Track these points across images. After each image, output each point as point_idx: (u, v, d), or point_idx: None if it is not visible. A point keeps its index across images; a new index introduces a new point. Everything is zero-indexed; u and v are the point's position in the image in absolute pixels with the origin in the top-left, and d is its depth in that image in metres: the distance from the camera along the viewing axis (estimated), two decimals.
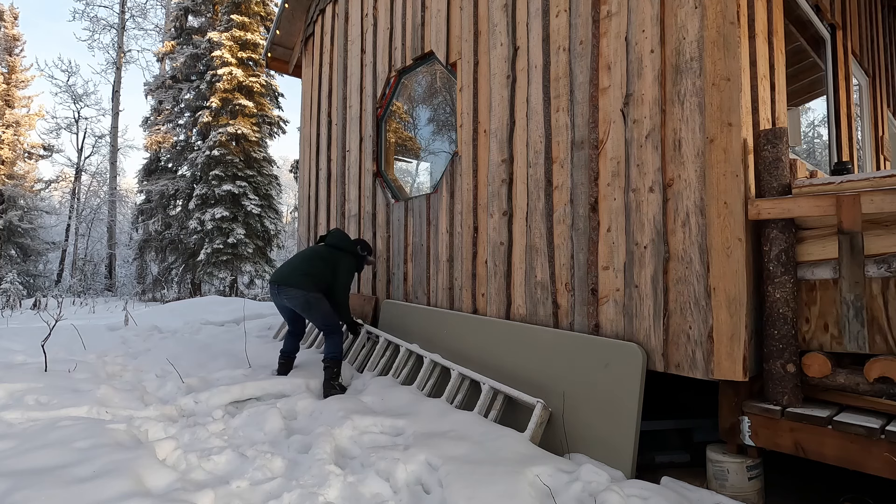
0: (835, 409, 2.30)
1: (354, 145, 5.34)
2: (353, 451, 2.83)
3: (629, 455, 2.60)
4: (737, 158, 2.47)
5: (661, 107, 2.77)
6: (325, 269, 4.11)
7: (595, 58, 3.12)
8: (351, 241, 4.37)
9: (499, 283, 3.62)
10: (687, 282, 2.62)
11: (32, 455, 2.45)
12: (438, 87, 4.87)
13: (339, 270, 4.14)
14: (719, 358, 2.47)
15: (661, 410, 3.39)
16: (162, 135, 17.61)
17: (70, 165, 24.18)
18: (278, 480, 2.49)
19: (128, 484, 2.21)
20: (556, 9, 3.36)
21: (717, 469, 2.49)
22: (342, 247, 4.27)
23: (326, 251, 4.22)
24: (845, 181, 2.31)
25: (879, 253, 2.25)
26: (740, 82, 2.48)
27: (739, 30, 2.51)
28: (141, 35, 47.10)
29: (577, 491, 2.24)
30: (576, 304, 3.12)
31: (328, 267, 4.12)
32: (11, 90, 20.14)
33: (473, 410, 3.12)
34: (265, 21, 16.82)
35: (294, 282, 4.02)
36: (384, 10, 5.05)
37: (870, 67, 4.91)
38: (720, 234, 2.50)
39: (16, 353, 4.90)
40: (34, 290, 18.19)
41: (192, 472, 2.56)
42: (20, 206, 18.69)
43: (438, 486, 2.37)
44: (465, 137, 4.01)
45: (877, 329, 2.28)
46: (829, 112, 4.02)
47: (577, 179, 3.16)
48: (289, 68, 7.06)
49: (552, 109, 3.34)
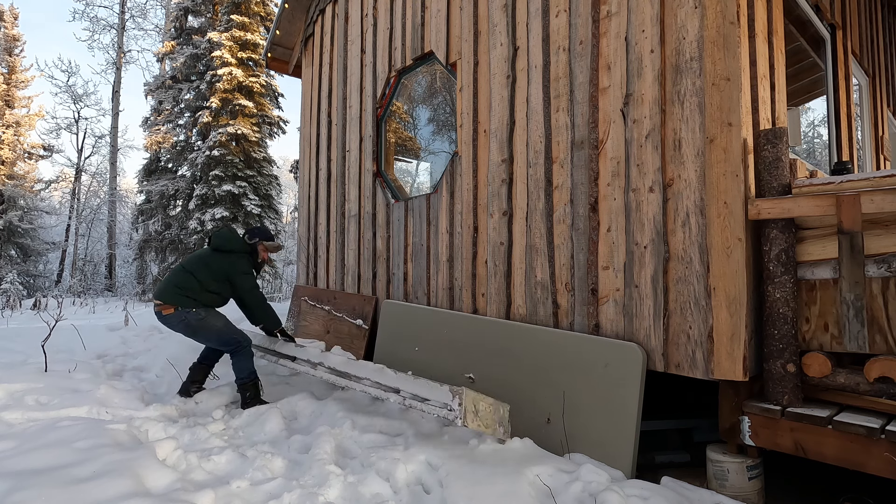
0: (835, 408, 2.30)
1: (354, 145, 5.34)
2: (353, 450, 2.83)
3: (629, 455, 2.60)
4: (737, 158, 2.47)
5: (661, 107, 2.77)
6: (212, 278, 3.60)
7: (595, 58, 3.12)
8: (239, 238, 3.86)
9: (499, 283, 3.62)
10: (687, 282, 2.61)
11: (32, 455, 2.45)
12: (438, 87, 4.87)
13: (236, 277, 3.67)
14: (719, 358, 2.47)
15: (661, 410, 3.39)
16: (162, 135, 17.60)
17: (70, 165, 24.18)
18: (279, 480, 2.49)
19: (128, 484, 2.21)
20: (555, 9, 3.36)
21: (717, 469, 2.49)
22: (231, 248, 3.75)
23: (213, 257, 3.69)
24: (845, 181, 2.31)
25: (879, 253, 2.25)
26: (740, 82, 2.48)
27: (739, 30, 2.51)
28: (141, 35, 47.17)
29: (577, 491, 2.24)
30: (576, 304, 3.12)
31: (217, 276, 3.63)
32: (11, 90, 20.14)
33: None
34: (265, 21, 16.81)
35: (169, 299, 3.46)
36: (384, 10, 5.05)
37: (870, 67, 4.91)
38: (720, 234, 2.50)
39: (16, 353, 4.90)
40: (34, 290, 18.18)
41: (192, 472, 2.56)
42: (20, 206, 18.68)
43: (439, 487, 2.37)
44: (465, 137, 4.01)
45: (877, 329, 2.28)
46: (829, 112, 4.02)
47: (577, 179, 3.16)
48: (289, 68, 7.05)
49: (552, 109, 3.34)
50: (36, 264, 19.54)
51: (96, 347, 5.33)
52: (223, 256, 3.71)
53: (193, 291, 3.53)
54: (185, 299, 3.49)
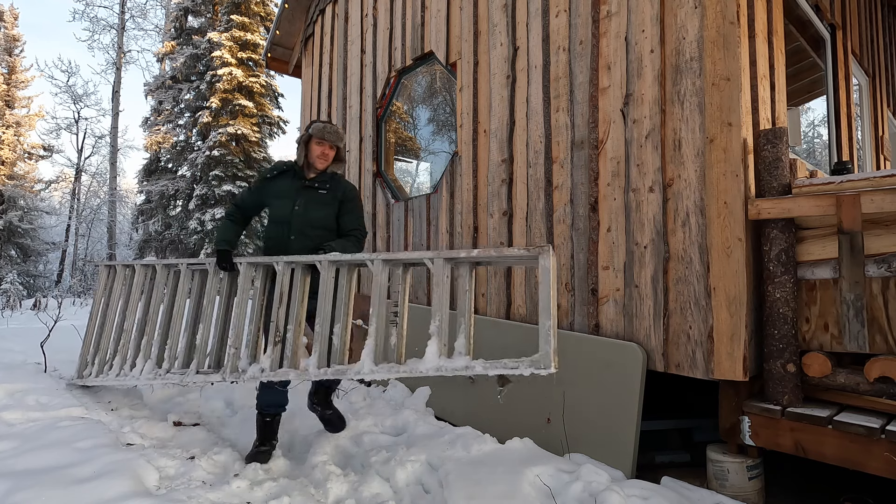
0: (835, 408, 2.30)
1: (354, 145, 5.34)
2: (352, 450, 2.83)
3: (629, 455, 2.60)
4: (737, 158, 2.47)
5: (660, 107, 2.77)
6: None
7: (595, 58, 3.12)
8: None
9: (499, 283, 3.62)
10: (687, 282, 2.61)
11: (32, 455, 2.45)
12: (438, 87, 4.87)
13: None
14: (719, 358, 2.47)
15: (661, 410, 3.38)
16: (162, 135, 17.61)
17: (70, 166, 24.20)
18: (279, 480, 2.49)
19: (128, 484, 2.21)
20: (555, 9, 3.36)
21: (717, 469, 2.49)
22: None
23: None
24: (845, 181, 2.31)
25: (879, 253, 2.25)
26: (740, 82, 2.48)
27: (739, 30, 2.51)
28: (141, 35, 47.20)
29: (577, 491, 2.24)
30: (576, 304, 3.12)
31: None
32: (11, 90, 20.15)
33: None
34: (265, 21, 16.81)
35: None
36: (384, 10, 5.05)
37: (870, 67, 4.91)
38: (720, 234, 2.50)
39: (16, 353, 4.90)
40: (34, 290, 18.18)
41: (192, 471, 2.56)
42: (20, 206, 18.69)
43: (439, 487, 2.37)
44: (465, 137, 4.01)
45: (877, 329, 2.28)
46: (829, 112, 4.02)
47: (577, 179, 3.16)
48: (289, 68, 7.05)
49: (552, 109, 3.34)
50: (36, 264, 19.56)
51: None
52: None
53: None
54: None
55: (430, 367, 2.28)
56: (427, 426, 3.10)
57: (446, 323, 2.35)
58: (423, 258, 2.44)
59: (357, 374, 2.43)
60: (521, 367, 2.13)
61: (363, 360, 2.43)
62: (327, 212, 2.87)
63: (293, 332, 2.63)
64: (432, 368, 2.28)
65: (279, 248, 2.82)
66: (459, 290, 2.41)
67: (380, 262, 2.52)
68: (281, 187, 2.88)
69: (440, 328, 2.34)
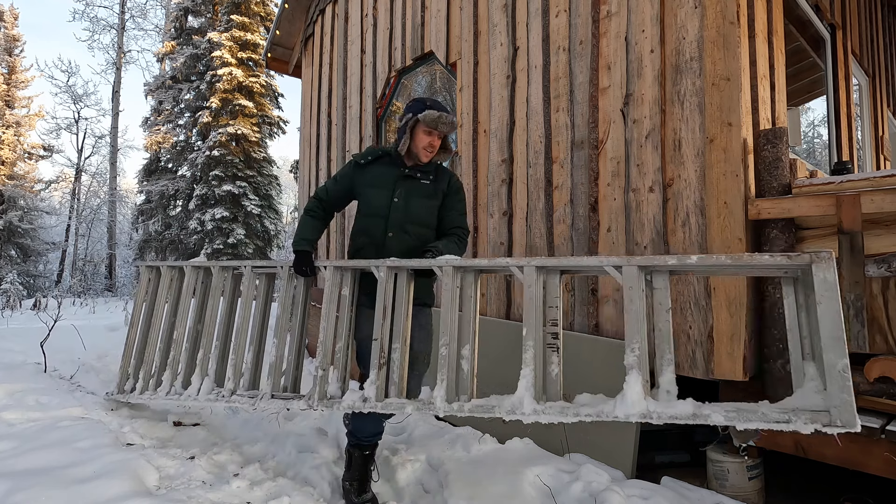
0: None
1: (354, 145, 5.34)
2: None
3: (629, 455, 2.59)
4: (737, 158, 2.47)
5: (660, 107, 2.77)
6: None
7: (595, 58, 3.12)
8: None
9: (499, 283, 3.62)
10: (687, 281, 2.61)
11: (32, 455, 2.45)
12: (438, 87, 4.87)
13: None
14: (719, 358, 2.47)
15: None
16: (162, 135, 17.61)
17: (70, 166, 24.19)
18: (279, 480, 2.49)
19: (128, 484, 2.21)
20: (555, 9, 3.36)
21: (717, 469, 2.49)
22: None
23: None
24: (845, 181, 2.31)
25: (879, 253, 2.25)
26: (740, 82, 2.48)
27: (739, 30, 2.51)
28: (141, 35, 47.24)
29: (577, 491, 2.24)
30: (576, 304, 3.12)
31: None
32: (11, 90, 20.15)
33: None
34: (265, 21, 16.81)
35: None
36: (384, 10, 5.05)
37: (870, 67, 4.91)
38: (720, 234, 2.50)
39: (16, 353, 4.90)
40: (34, 290, 18.18)
41: (192, 471, 2.56)
42: (20, 206, 18.69)
43: (439, 487, 2.37)
44: (465, 137, 4.01)
45: (877, 329, 2.28)
46: (829, 112, 4.02)
47: (577, 179, 3.16)
48: (289, 68, 7.06)
49: (552, 109, 3.34)
50: (36, 264, 19.56)
51: (96, 347, 5.33)
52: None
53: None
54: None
55: (635, 413, 1.72)
56: (427, 426, 3.10)
57: (645, 353, 1.83)
58: (603, 265, 1.87)
59: (509, 412, 1.88)
60: (795, 423, 1.53)
61: (522, 396, 1.90)
62: (430, 206, 2.44)
63: (399, 353, 2.18)
64: (636, 414, 1.71)
65: (373, 248, 2.41)
66: (655, 307, 1.85)
67: (532, 270, 1.97)
68: (377, 175, 2.45)
69: (640, 359, 1.81)
